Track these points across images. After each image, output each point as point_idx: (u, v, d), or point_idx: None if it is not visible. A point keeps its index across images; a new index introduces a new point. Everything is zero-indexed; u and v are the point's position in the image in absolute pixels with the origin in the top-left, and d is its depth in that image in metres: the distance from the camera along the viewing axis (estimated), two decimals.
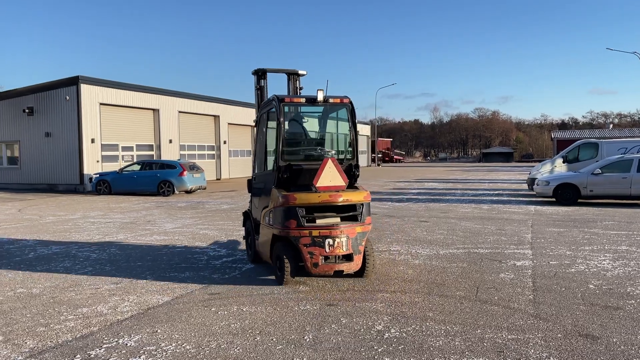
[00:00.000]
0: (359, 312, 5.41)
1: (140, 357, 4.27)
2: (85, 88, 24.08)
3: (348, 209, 6.42)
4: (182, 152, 30.43)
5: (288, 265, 6.36)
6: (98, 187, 22.34)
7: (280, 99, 6.68)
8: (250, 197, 8.14)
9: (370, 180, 30.72)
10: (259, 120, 7.79)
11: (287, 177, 6.60)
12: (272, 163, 6.96)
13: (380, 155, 74.79)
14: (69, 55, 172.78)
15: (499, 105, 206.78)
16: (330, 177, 6.35)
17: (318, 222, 6.26)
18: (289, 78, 8.31)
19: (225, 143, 34.62)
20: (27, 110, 25.23)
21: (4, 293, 6.39)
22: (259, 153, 7.75)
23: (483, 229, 11.05)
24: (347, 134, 7.09)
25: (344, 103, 6.94)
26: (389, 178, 33.91)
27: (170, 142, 29.33)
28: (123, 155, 26.41)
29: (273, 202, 6.51)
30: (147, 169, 22.25)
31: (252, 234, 7.85)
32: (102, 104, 24.98)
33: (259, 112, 7.89)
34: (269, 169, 7.13)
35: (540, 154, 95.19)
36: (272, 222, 6.57)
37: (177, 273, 7.36)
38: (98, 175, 22.73)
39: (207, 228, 11.87)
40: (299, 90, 8.33)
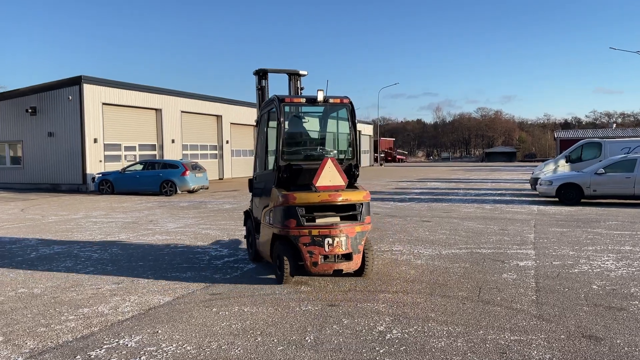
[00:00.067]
0: (361, 312, 5.39)
1: (141, 358, 4.26)
2: (88, 88, 24.10)
3: (347, 209, 6.44)
4: (184, 151, 30.44)
5: (287, 264, 6.37)
6: (101, 186, 22.39)
7: (281, 99, 6.72)
8: (251, 196, 8.18)
9: (373, 180, 30.69)
10: (260, 120, 7.85)
11: (287, 176, 6.63)
12: (272, 163, 6.99)
13: (383, 155, 74.76)
14: (69, 55, 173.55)
15: (502, 105, 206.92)
16: (330, 176, 6.38)
17: (318, 221, 6.29)
18: (290, 78, 8.36)
19: (228, 143, 34.63)
20: (29, 110, 25.26)
21: (6, 293, 6.38)
22: (260, 153, 7.79)
23: (486, 229, 11.01)
24: (347, 134, 7.12)
25: (344, 103, 6.97)
26: (392, 178, 33.87)
27: (173, 141, 29.35)
28: (126, 155, 26.44)
29: (273, 201, 6.54)
30: (149, 169, 22.30)
31: (252, 233, 7.88)
32: (104, 104, 25.01)
33: (260, 112, 7.94)
34: (270, 169, 7.15)
35: (543, 154, 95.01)
36: (272, 221, 6.60)
37: (178, 273, 7.35)
38: (101, 175, 22.78)
39: (209, 228, 11.86)
40: (300, 91, 8.38)
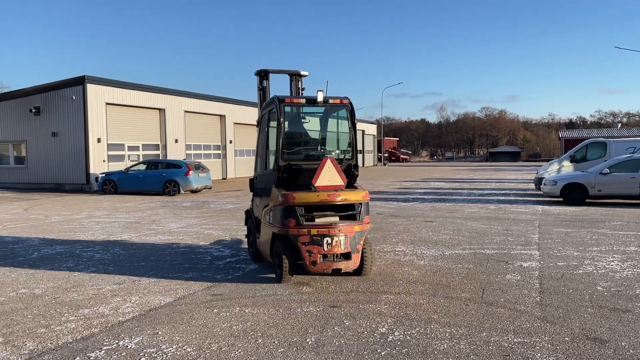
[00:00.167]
0: (363, 314, 5.35)
1: (140, 359, 4.23)
2: (92, 88, 24.15)
3: (347, 208, 6.47)
4: (188, 151, 30.46)
5: (287, 263, 6.37)
6: (104, 186, 22.42)
7: (281, 100, 6.76)
8: (252, 196, 8.20)
9: (377, 180, 30.63)
10: (261, 121, 7.90)
11: (287, 176, 6.67)
12: (273, 162, 6.99)
13: (387, 155, 74.65)
14: (70, 55, 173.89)
15: (506, 104, 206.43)
16: (329, 176, 6.40)
17: (317, 221, 6.31)
18: (291, 79, 8.40)
19: (231, 142, 34.64)
20: (33, 110, 25.33)
21: (6, 293, 6.37)
22: (261, 153, 7.83)
23: (489, 230, 10.95)
24: (347, 134, 7.13)
25: (344, 104, 7.01)
26: (395, 177, 33.80)
27: (176, 141, 29.37)
28: (129, 155, 26.48)
29: (273, 201, 6.57)
30: (152, 169, 22.31)
31: (253, 233, 7.91)
32: (108, 104, 25.05)
33: (261, 112, 7.99)
34: (270, 169, 7.17)
35: (548, 154, 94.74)
36: (272, 220, 6.63)
37: (180, 273, 7.33)
38: (104, 175, 22.82)
39: (211, 228, 11.84)
40: (301, 91, 8.42)
